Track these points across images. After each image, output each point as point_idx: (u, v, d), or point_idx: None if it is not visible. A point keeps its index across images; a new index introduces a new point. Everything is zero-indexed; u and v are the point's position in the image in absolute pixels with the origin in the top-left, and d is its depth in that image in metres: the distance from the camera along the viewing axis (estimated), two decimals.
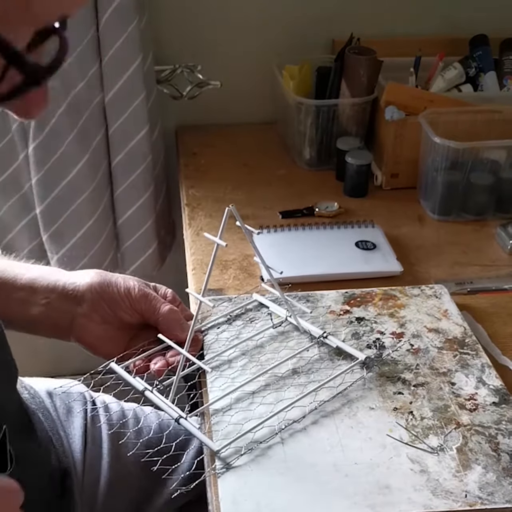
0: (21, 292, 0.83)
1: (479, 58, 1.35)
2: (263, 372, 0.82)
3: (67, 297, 0.83)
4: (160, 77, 1.40)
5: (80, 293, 0.83)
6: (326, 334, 0.87)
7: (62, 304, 0.83)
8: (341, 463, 0.72)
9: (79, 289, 0.84)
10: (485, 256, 1.11)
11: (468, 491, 0.70)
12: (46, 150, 1.31)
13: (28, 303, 0.83)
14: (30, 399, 0.88)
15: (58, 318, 0.84)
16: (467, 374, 0.84)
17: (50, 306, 0.83)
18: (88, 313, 0.83)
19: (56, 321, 0.84)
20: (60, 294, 0.84)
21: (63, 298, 0.83)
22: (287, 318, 0.90)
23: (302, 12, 1.41)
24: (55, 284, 0.84)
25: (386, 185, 1.28)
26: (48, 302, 0.83)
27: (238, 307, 0.94)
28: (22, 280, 0.84)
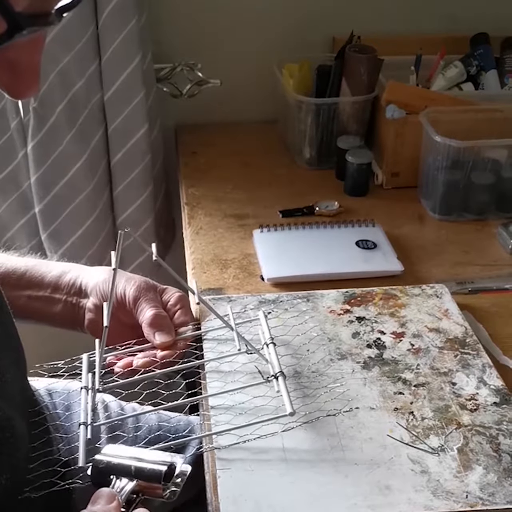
0: (46, 290, 0.89)
1: (480, 56, 1.34)
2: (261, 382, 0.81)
3: (81, 292, 0.88)
4: (159, 75, 1.40)
5: (89, 289, 0.88)
6: (278, 375, 0.79)
7: (77, 299, 0.88)
8: (342, 464, 0.72)
9: (88, 285, 0.88)
10: (486, 255, 1.11)
11: (469, 492, 0.70)
12: (45, 148, 1.30)
13: (51, 300, 0.89)
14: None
15: (74, 312, 0.88)
16: (468, 374, 0.84)
17: (68, 302, 0.89)
18: (94, 309, 0.87)
19: (73, 315, 0.89)
20: (77, 289, 0.89)
21: (78, 294, 0.88)
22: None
23: (303, 10, 1.41)
24: (74, 280, 0.89)
25: (386, 184, 1.28)
26: (67, 298, 0.89)
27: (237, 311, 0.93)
28: (47, 278, 0.89)
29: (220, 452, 0.73)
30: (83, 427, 0.76)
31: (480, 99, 1.28)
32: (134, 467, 0.65)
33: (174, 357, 0.83)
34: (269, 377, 0.80)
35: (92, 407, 0.78)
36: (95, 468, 0.66)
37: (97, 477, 0.66)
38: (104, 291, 0.86)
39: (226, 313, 0.90)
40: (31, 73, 0.51)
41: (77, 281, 0.89)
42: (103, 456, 0.67)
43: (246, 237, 1.13)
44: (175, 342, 0.85)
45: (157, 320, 0.84)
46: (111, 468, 0.66)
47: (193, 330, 0.88)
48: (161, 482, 0.64)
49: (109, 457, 0.67)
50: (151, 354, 0.83)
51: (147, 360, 0.82)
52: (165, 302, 0.88)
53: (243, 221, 1.18)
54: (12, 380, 0.73)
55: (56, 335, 0.99)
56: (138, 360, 0.83)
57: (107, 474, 0.65)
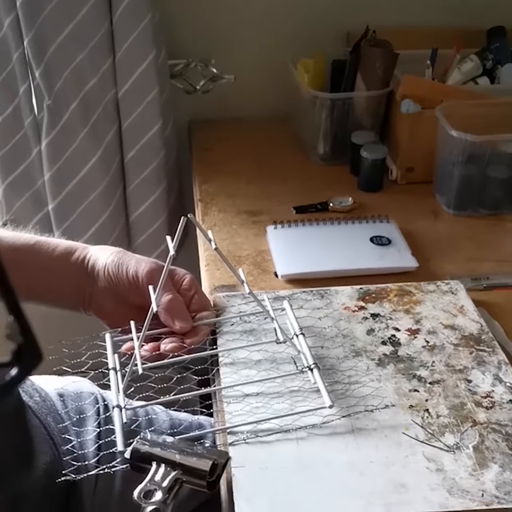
0: (52, 267, 0.87)
1: (496, 50, 1.33)
2: (279, 376, 0.81)
3: (88, 274, 0.86)
4: (173, 71, 1.40)
5: (97, 271, 0.86)
6: (313, 366, 0.80)
7: (83, 280, 0.86)
8: (356, 461, 0.72)
9: (96, 267, 0.86)
10: (501, 251, 1.10)
11: (485, 490, 0.69)
12: (58, 146, 1.31)
13: (56, 281, 0.87)
14: (41, 402, 0.87)
15: (79, 292, 0.87)
16: (483, 371, 0.83)
17: (73, 281, 0.86)
18: (102, 291, 0.86)
19: (77, 295, 0.87)
20: (83, 270, 0.87)
21: (85, 275, 0.86)
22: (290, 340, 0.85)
23: (316, 5, 1.40)
24: (82, 261, 0.87)
25: (401, 180, 1.27)
26: (72, 277, 0.86)
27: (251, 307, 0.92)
28: (52, 256, 0.87)
29: (234, 450, 0.73)
30: (117, 410, 0.75)
31: (496, 93, 1.27)
32: (179, 457, 0.65)
33: (201, 343, 0.83)
34: (303, 368, 0.80)
35: (124, 388, 0.77)
36: (136, 453, 0.66)
37: (137, 462, 0.66)
38: (114, 274, 0.84)
39: (240, 310, 0.90)
40: None
41: (84, 261, 0.87)
42: (142, 442, 0.67)
43: (260, 233, 1.13)
44: (197, 327, 0.84)
45: (174, 305, 0.83)
46: (153, 455, 0.66)
47: (214, 316, 0.88)
48: (207, 477, 0.64)
49: (148, 443, 0.67)
50: (178, 339, 0.82)
51: (176, 345, 0.81)
52: (177, 284, 0.87)
53: (257, 217, 1.18)
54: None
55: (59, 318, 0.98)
56: (166, 344, 0.81)
57: (148, 460, 0.66)
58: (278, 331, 0.82)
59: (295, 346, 0.82)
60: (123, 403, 0.76)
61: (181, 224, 0.72)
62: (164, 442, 0.67)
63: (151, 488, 0.64)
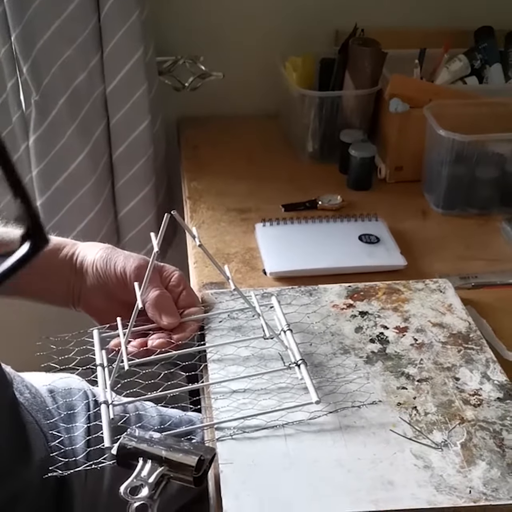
0: (39, 266, 0.85)
1: (485, 50, 1.34)
2: (266, 372, 0.81)
3: (77, 270, 0.86)
4: (162, 68, 1.39)
5: (85, 268, 0.86)
6: (300, 362, 0.80)
7: (72, 276, 0.86)
8: (344, 458, 0.72)
9: (85, 263, 0.86)
10: (490, 250, 1.10)
11: (472, 487, 0.69)
12: (46, 142, 1.30)
13: (45, 277, 0.86)
14: (31, 399, 0.87)
15: (68, 289, 0.87)
16: (471, 369, 0.83)
17: (62, 278, 0.86)
18: (91, 287, 0.85)
19: (66, 291, 0.87)
20: (72, 266, 0.86)
21: (74, 271, 0.86)
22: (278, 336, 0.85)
23: (305, 3, 1.40)
24: (70, 257, 0.87)
25: (390, 178, 1.27)
26: (62, 274, 0.86)
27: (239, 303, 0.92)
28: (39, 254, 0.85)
29: (222, 446, 0.73)
30: (105, 406, 0.75)
31: (484, 93, 1.27)
32: (165, 453, 0.65)
33: (189, 339, 0.83)
34: (290, 364, 0.80)
35: (111, 385, 0.77)
36: (122, 449, 0.66)
37: (124, 458, 0.66)
38: (102, 270, 0.84)
39: (228, 307, 0.90)
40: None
41: (73, 257, 0.87)
42: (129, 438, 0.67)
43: (248, 231, 1.13)
44: (185, 323, 0.84)
45: (161, 301, 0.83)
46: (139, 451, 0.66)
47: (202, 312, 0.87)
48: (193, 473, 0.64)
49: (134, 439, 0.67)
50: (166, 335, 0.82)
51: (163, 341, 0.81)
52: (166, 281, 0.87)
53: (245, 215, 1.17)
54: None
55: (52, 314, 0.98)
56: (153, 340, 0.81)
57: (134, 456, 0.66)
58: (265, 327, 0.81)
59: (282, 342, 0.82)
60: (110, 399, 0.76)
61: (165, 221, 0.72)
62: (151, 438, 0.67)
63: (138, 484, 0.64)
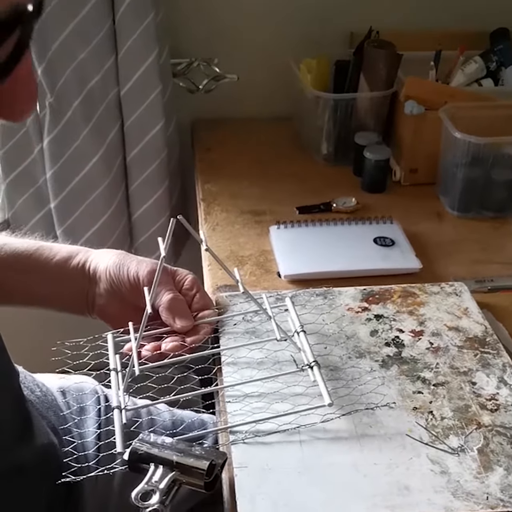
0: (53, 273, 0.86)
1: (500, 52, 1.33)
2: (279, 374, 0.80)
3: (90, 277, 0.86)
4: (176, 70, 1.39)
5: (99, 274, 0.86)
6: (313, 364, 0.79)
7: (86, 283, 0.86)
8: (360, 463, 0.71)
9: (98, 270, 0.86)
10: (505, 253, 1.09)
11: (490, 493, 0.69)
12: (61, 144, 1.30)
13: (59, 283, 0.87)
14: (42, 397, 0.87)
15: (83, 296, 0.87)
16: (488, 374, 0.82)
17: (76, 286, 0.86)
18: (104, 294, 0.85)
19: (81, 299, 0.87)
20: (86, 274, 0.86)
21: (87, 278, 0.86)
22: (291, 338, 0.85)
23: (320, 5, 1.40)
24: (83, 264, 0.87)
25: (404, 181, 1.26)
26: (76, 282, 0.86)
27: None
28: (53, 260, 0.87)
29: (236, 450, 0.72)
30: (118, 411, 0.75)
31: (500, 95, 1.27)
32: (176, 458, 0.65)
33: (202, 342, 0.82)
34: (303, 366, 0.79)
35: (124, 389, 0.77)
36: (133, 454, 0.66)
37: (135, 463, 0.66)
38: (115, 276, 0.84)
39: (242, 310, 0.90)
40: (29, 100, 0.49)
41: (86, 265, 0.87)
42: (140, 443, 0.67)
43: (262, 233, 1.12)
44: (199, 326, 0.84)
45: (175, 304, 0.83)
46: (151, 456, 0.66)
47: (216, 315, 0.87)
48: (204, 478, 0.64)
49: (146, 444, 0.67)
50: (179, 338, 0.82)
51: (176, 344, 0.80)
52: (179, 285, 0.87)
53: (259, 217, 1.17)
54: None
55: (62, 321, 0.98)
56: (166, 344, 0.81)
57: (146, 461, 0.65)
58: (275, 329, 0.81)
59: (295, 344, 0.82)
60: (123, 404, 0.76)
61: (171, 226, 0.72)
62: (163, 443, 0.67)
63: (149, 489, 0.63)
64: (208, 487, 0.65)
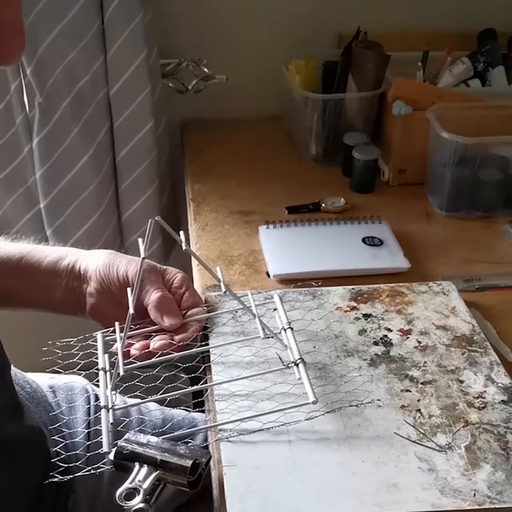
0: (45, 276, 0.87)
1: (488, 52, 1.34)
2: (264, 372, 0.80)
3: (80, 277, 0.87)
4: (165, 70, 1.39)
5: (89, 274, 0.86)
6: (298, 361, 0.79)
7: (77, 284, 0.87)
8: (348, 462, 0.71)
9: (88, 270, 0.86)
10: (493, 253, 1.10)
11: (477, 490, 0.69)
12: (50, 143, 1.30)
13: (51, 286, 0.87)
14: (32, 393, 0.88)
15: (74, 297, 0.87)
16: (475, 372, 0.83)
17: (68, 287, 0.87)
18: (95, 293, 0.86)
19: (73, 300, 0.87)
20: (76, 274, 0.87)
21: (78, 279, 0.87)
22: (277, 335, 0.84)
23: (309, 6, 1.40)
24: (73, 265, 0.87)
25: (393, 181, 1.27)
26: (67, 283, 0.87)
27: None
28: (44, 264, 0.87)
29: (225, 449, 0.73)
30: (105, 410, 0.75)
31: (487, 95, 1.27)
32: (160, 457, 0.66)
33: (191, 339, 0.82)
34: (289, 364, 0.79)
35: (112, 389, 0.77)
36: (119, 454, 0.67)
37: (120, 462, 0.67)
38: (105, 275, 0.85)
39: (231, 309, 0.90)
40: (16, 32, 0.50)
41: (76, 265, 0.87)
42: (126, 442, 0.67)
43: (252, 233, 1.13)
44: (188, 324, 0.84)
45: (163, 302, 0.83)
46: (135, 455, 0.66)
47: (205, 313, 0.87)
48: (187, 476, 0.65)
49: (131, 443, 0.67)
50: (168, 337, 0.82)
51: (165, 343, 0.81)
52: (168, 283, 0.87)
53: (249, 217, 1.17)
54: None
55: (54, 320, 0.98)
56: (155, 342, 0.81)
57: (130, 461, 0.66)
58: (259, 327, 0.80)
59: (282, 341, 0.82)
60: (111, 403, 0.76)
61: (149, 227, 0.72)
62: (148, 443, 0.68)
63: (134, 488, 0.64)
64: (192, 485, 0.66)
